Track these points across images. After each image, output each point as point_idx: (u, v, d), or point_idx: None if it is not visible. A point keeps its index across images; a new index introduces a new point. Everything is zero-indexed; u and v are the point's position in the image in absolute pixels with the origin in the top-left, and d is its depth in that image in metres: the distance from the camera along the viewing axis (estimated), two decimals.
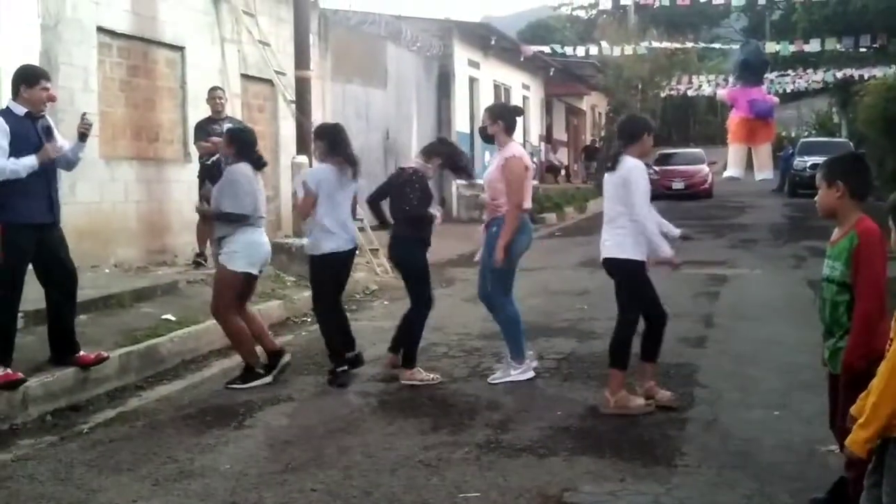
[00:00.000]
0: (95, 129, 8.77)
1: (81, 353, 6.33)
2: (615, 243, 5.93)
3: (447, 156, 7.03)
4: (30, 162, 5.86)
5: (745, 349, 7.66)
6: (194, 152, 10.92)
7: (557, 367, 7.15)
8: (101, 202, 10.60)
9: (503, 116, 6.79)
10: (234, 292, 6.77)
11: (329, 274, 6.91)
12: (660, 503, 4.33)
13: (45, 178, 5.97)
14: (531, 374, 6.76)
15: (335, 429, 5.62)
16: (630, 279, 5.94)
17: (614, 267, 5.98)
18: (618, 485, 4.56)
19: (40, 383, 5.96)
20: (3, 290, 5.87)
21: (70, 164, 6.37)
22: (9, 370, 5.78)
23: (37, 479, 4.79)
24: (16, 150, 5.84)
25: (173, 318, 7.94)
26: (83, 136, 6.27)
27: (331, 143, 6.93)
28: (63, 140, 6.24)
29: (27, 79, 6.03)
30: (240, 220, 6.67)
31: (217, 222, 6.80)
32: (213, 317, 6.95)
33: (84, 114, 6.48)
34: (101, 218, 10.53)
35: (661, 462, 4.91)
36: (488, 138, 6.84)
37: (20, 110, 5.98)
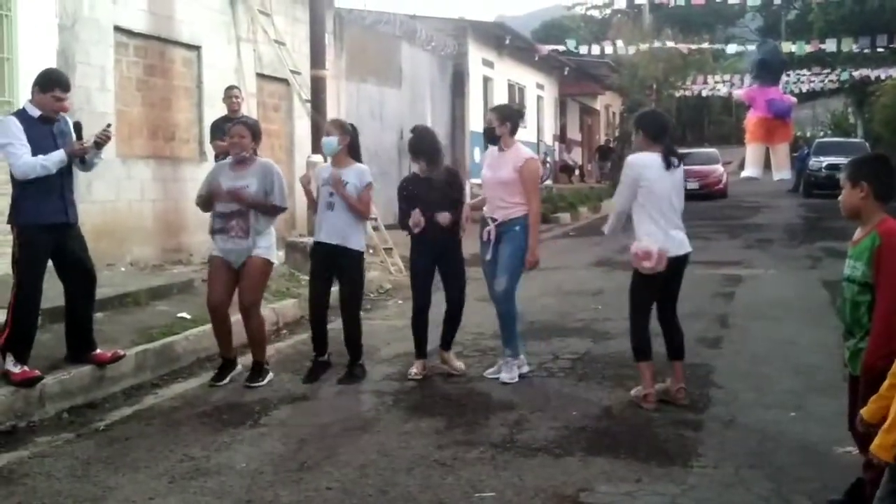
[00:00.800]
0: (112, 129, 8.78)
1: (98, 350, 6.36)
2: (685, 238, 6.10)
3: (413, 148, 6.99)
4: (59, 157, 5.86)
5: (760, 350, 7.63)
6: (210, 151, 10.95)
7: (572, 367, 7.14)
8: (118, 201, 10.65)
9: (511, 118, 6.86)
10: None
11: None
12: None
13: (59, 178, 5.95)
14: (527, 367, 6.90)
15: (350, 427, 5.63)
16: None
17: (685, 262, 6.12)
18: (634, 485, 4.55)
19: (57, 381, 5.99)
20: (21, 289, 5.90)
21: (87, 165, 6.30)
22: (26, 368, 5.81)
23: (53, 475, 4.81)
24: (32, 152, 5.82)
25: (189, 317, 7.97)
26: (98, 145, 6.16)
27: (355, 144, 6.95)
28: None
29: (42, 83, 5.99)
30: (283, 213, 6.90)
31: (265, 216, 6.68)
32: (247, 310, 6.70)
33: (108, 125, 6.41)
34: (117, 216, 10.59)
35: (677, 462, 4.89)
36: (495, 139, 6.81)
37: (35, 112, 5.96)
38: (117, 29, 10.67)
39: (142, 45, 11.24)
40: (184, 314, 8.04)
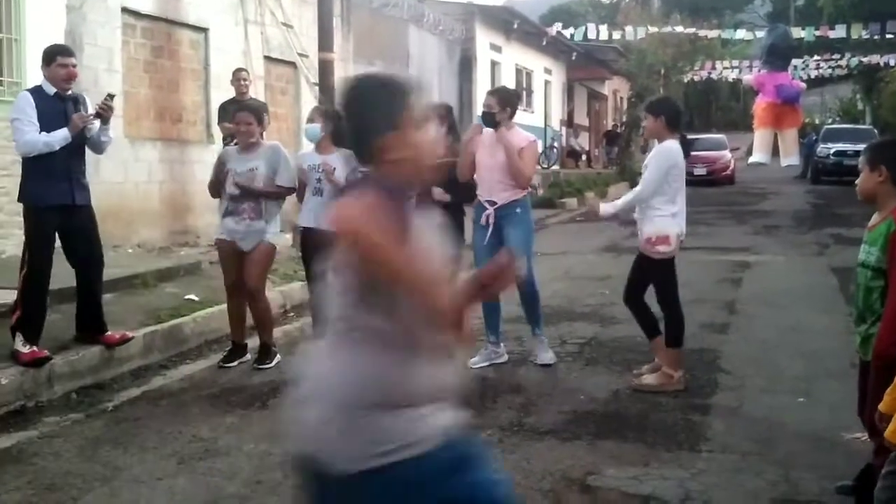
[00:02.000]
0: (119, 110, 8.78)
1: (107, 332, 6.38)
2: None
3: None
4: (62, 134, 5.86)
5: (768, 336, 7.62)
6: (217, 133, 10.93)
7: (580, 351, 7.13)
8: (125, 182, 10.65)
9: (511, 102, 6.75)
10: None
11: None
12: (684, 488, 4.31)
13: (66, 159, 5.94)
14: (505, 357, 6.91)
15: None
16: None
17: None
18: (641, 469, 4.55)
19: (66, 361, 6.00)
20: (30, 270, 5.90)
21: (97, 145, 6.29)
22: (35, 348, 5.82)
23: (62, 455, 4.83)
24: (44, 129, 5.85)
25: (196, 299, 7.99)
26: (98, 116, 6.10)
27: (340, 131, 6.92)
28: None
29: (45, 58, 6.03)
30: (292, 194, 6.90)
31: (275, 200, 6.73)
32: (253, 294, 6.72)
33: (109, 95, 6.27)
34: (125, 198, 10.60)
35: (684, 447, 4.89)
36: (495, 123, 6.60)
37: (50, 89, 5.98)
38: (125, 10, 10.65)
39: (149, 26, 11.22)
40: (191, 296, 8.06)
